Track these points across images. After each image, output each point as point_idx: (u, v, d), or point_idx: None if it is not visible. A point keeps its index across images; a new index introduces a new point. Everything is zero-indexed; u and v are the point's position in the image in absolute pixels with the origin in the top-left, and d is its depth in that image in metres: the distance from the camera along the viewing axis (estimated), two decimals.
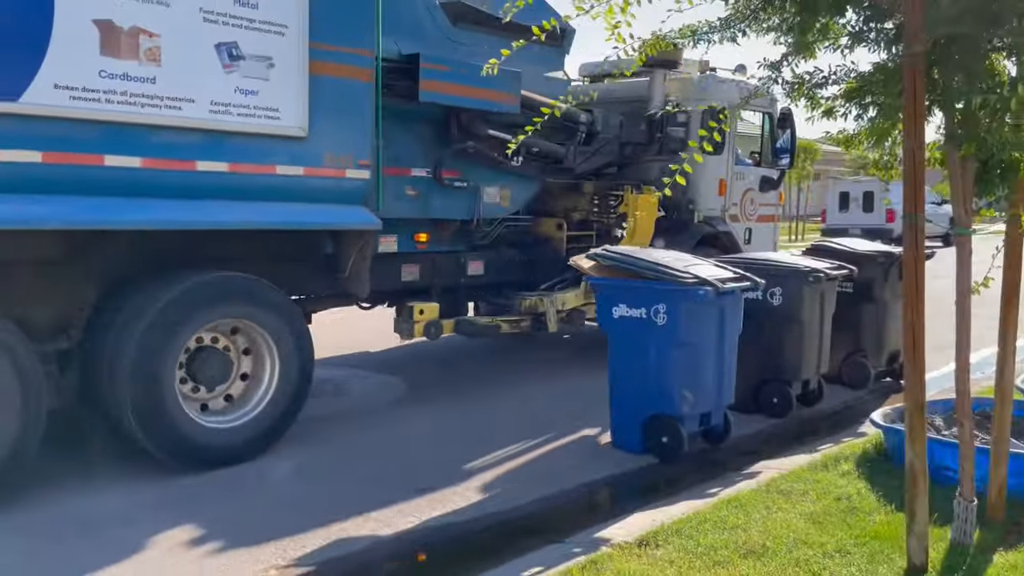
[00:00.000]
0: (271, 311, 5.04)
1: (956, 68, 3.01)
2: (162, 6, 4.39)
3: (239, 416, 4.97)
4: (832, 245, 7.39)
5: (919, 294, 3.14)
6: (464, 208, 6.75)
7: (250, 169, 4.85)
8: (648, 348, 5.07)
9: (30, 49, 4.00)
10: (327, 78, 5.07)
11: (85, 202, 4.26)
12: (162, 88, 4.42)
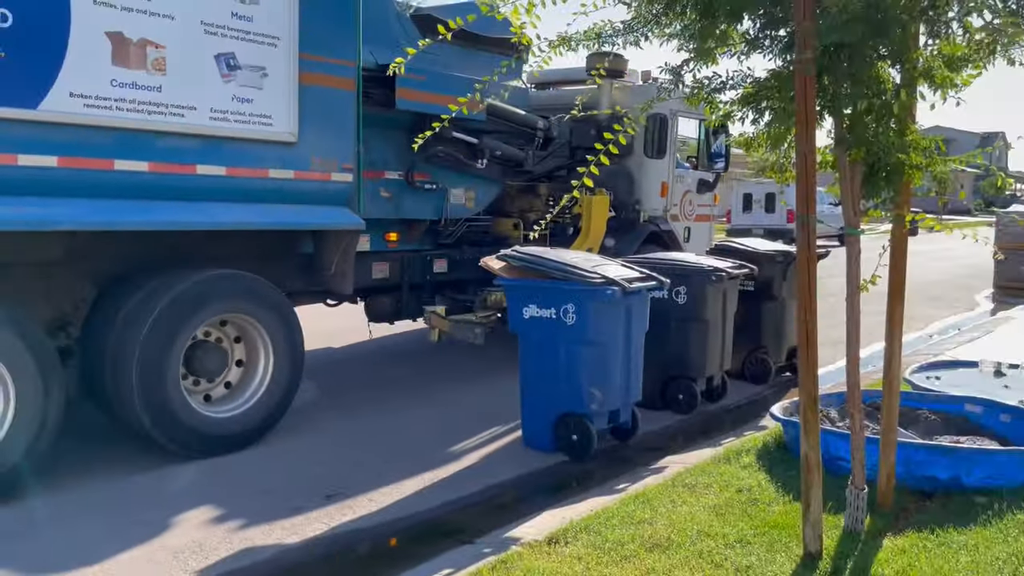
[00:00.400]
0: (268, 307, 5.37)
1: (844, 75, 3.14)
2: (168, 19, 4.68)
3: (237, 406, 5.26)
4: (734, 245, 7.63)
5: (812, 293, 3.26)
6: (433, 208, 7.17)
7: (246, 172, 5.14)
8: (558, 348, 5.12)
9: (49, 60, 4.27)
10: (315, 87, 5.41)
11: (96, 204, 4.51)
12: (167, 96, 4.71)
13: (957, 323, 11.04)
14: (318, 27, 5.36)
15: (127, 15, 4.50)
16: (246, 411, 5.28)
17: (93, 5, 4.38)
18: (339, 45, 5.57)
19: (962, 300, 13.39)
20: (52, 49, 4.26)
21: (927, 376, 6.13)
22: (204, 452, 4.98)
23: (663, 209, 9.13)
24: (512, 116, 7.63)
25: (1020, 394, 5.47)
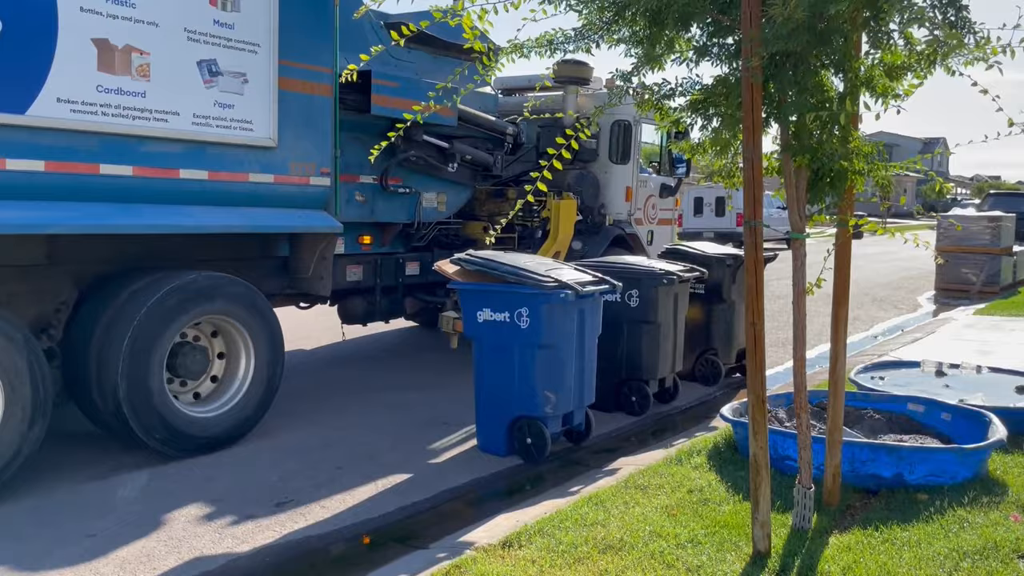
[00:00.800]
0: (250, 309, 5.46)
1: (790, 83, 3.21)
2: (152, 26, 4.76)
3: (219, 406, 5.37)
4: (685, 249, 7.73)
5: (759, 295, 3.33)
6: (405, 212, 7.29)
7: (227, 177, 5.24)
8: (512, 351, 5.14)
9: (37, 66, 4.33)
10: (293, 93, 5.55)
11: (83, 208, 4.57)
12: (151, 101, 4.80)
13: (900, 324, 11.33)
14: (297, 35, 5.50)
15: (112, 22, 4.59)
16: (228, 411, 5.38)
17: (80, 12, 4.44)
18: (317, 52, 5.69)
19: (905, 302, 13.74)
20: (40, 55, 4.33)
21: (871, 376, 6.28)
22: (188, 451, 5.07)
23: (628, 213, 9.42)
24: (483, 121, 7.84)
25: (960, 393, 5.64)
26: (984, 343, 8.78)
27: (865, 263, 18.58)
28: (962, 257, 14.50)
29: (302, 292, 6.37)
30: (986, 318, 10.99)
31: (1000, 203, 20.92)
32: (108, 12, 4.57)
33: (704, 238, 21.46)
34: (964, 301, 13.42)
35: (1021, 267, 15.81)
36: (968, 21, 2.76)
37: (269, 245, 6.00)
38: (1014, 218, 15.91)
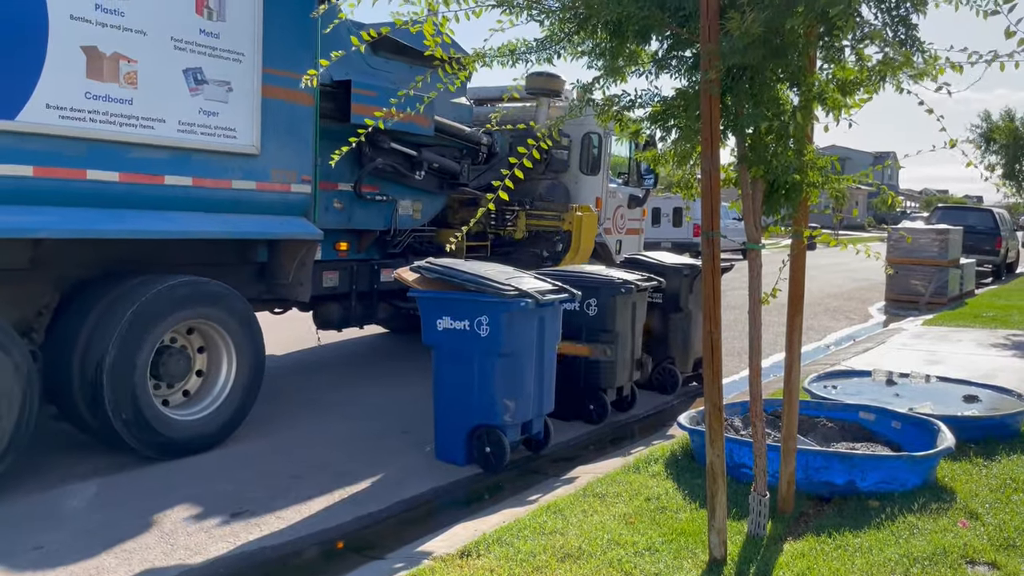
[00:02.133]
0: (232, 313, 5.52)
1: (746, 96, 3.27)
2: (139, 34, 4.83)
3: (201, 409, 5.41)
4: (643, 258, 7.80)
5: (716, 305, 3.37)
6: (382, 219, 7.37)
7: (210, 183, 5.31)
8: (471, 360, 5.12)
9: (28, 72, 4.37)
10: (276, 101, 5.64)
11: (69, 213, 4.62)
12: (138, 108, 4.86)
13: (852, 334, 11.56)
14: (280, 44, 5.61)
15: (101, 30, 4.65)
16: (210, 414, 5.42)
17: (70, 20, 4.50)
18: (300, 61, 5.69)
19: (857, 312, 14.02)
20: (30, 62, 4.38)
21: (824, 385, 6.40)
22: (169, 454, 5.12)
23: (598, 223, 9.54)
24: (457, 132, 7.93)
25: (910, 402, 5.77)
26: (933, 353, 9.01)
27: (818, 274, 18.93)
28: (911, 269, 14.86)
29: (281, 298, 6.43)
30: (934, 328, 11.27)
31: (947, 216, 21.48)
32: (97, 20, 4.62)
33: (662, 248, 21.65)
34: (913, 312, 13.75)
35: (968, 279, 16.25)
36: (917, 40, 2.84)
37: (249, 250, 6.04)
38: (961, 231, 16.36)
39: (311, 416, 6.33)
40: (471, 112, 8.60)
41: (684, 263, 7.62)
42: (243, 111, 5.41)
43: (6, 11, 4.27)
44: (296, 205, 5.91)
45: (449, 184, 8.06)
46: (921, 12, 2.82)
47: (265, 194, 5.65)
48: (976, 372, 7.47)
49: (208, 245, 5.60)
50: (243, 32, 5.36)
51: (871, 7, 2.91)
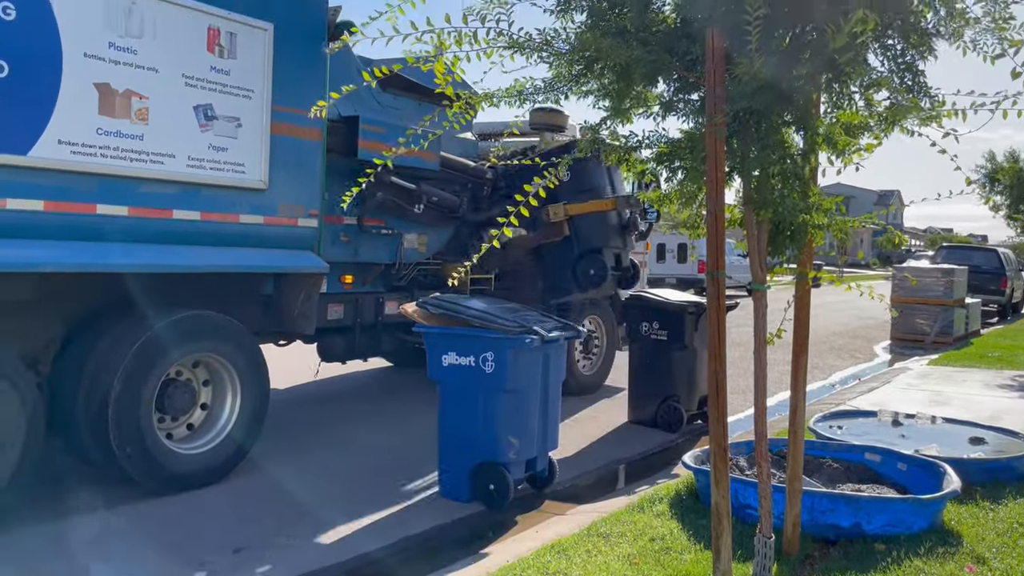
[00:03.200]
0: (238, 347, 5.55)
1: (753, 139, 3.30)
2: (151, 71, 4.91)
3: (205, 443, 5.41)
4: (649, 296, 7.81)
5: (721, 344, 3.37)
6: (387, 252, 7.41)
7: (218, 218, 5.36)
8: (476, 396, 5.12)
9: (41, 108, 4.44)
10: (284, 137, 5.70)
11: (79, 247, 4.66)
12: (148, 144, 4.92)
13: (858, 373, 11.52)
14: (290, 81, 5.67)
15: (114, 67, 4.73)
16: (214, 448, 5.43)
17: (83, 58, 4.59)
18: (308, 98, 5.75)
19: (862, 351, 13.99)
20: (44, 98, 4.45)
21: (830, 425, 6.37)
22: (175, 488, 5.12)
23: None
24: (462, 166, 7.98)
25: (916, 443, 5.73)
26: (938, 393, 8.96)
27: (823, 312, 18.92)
28: (916, 308, 14.84)
29: (286, 330, 6.44)
30: (940, 368, 11.23)
31: (953, 256, 21.50)
32: (111, 58, 4.70)
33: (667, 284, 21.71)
34: (919, 351, 13.71)
35: (973, 319, 16.21)
36: (924, 86, 2.87)
37: (255, 284, 6.08)
38: (966, 271, 16.36)
39: (314, 451, 6.31)
40: (476, 147, 8.69)
41: (689, 300, 7.63)
42: (252, 146, 5.48)
43: (22, 49, 4.34)
44: (303, 239, 5.95)
45: (449, 217, 8.08)
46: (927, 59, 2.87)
47: (272, 228, 5.70)
48: (982, 413, 7.43)
49: (215, 278, 5.63)
50: (253, 69, 5.45)
51: (878, 54, 2.96)
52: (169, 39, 4.97)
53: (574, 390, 8.51)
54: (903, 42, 2.84)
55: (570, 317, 8.01)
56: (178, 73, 5.04)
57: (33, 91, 4.41)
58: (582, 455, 6.55)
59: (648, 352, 7.53)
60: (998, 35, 2.55)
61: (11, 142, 4.31)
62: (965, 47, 2.69)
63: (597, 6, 3.39)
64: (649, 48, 3.18)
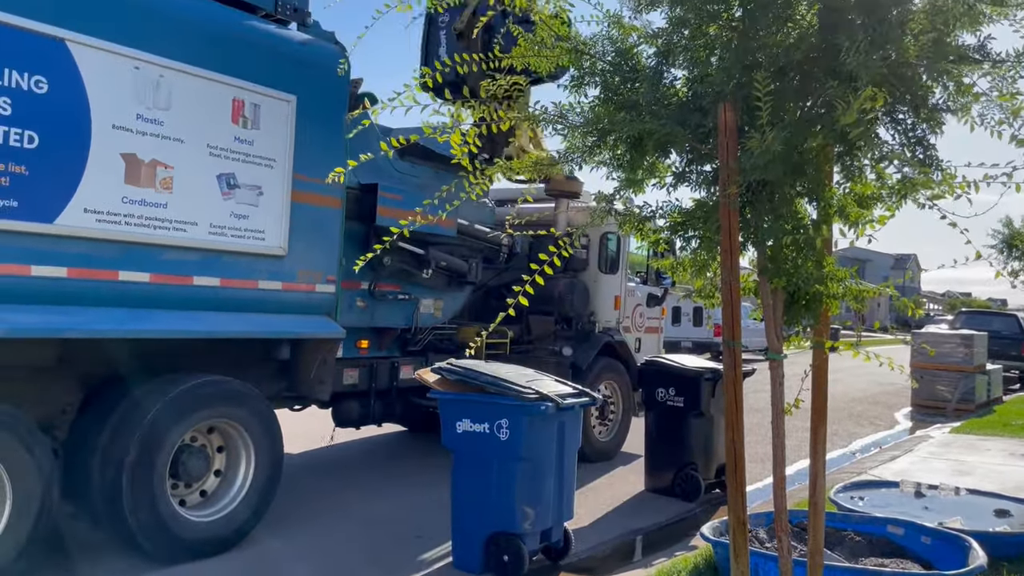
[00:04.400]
0: (253, 413, 5.55)
1: (766, 210, 3.33)
2: (177, 142, 5.02)
3: (217, 511, 5.38)
4: (665, 361, 7.77)
5: (739, 414, 3.35)
6: (404, 317, 7.42)
7: (238, 284, 5.44)
8: (491, 464, 5.08)
9: (69, 178, 4.54)
10: (305, 204, 5.79)
11: (100, 313, 4.71)
12: (172, 212, 5.01)
13: (878, 440, 11.33)
14: (311, 150, 5.78)
15: (141, 138, 4.85)
16: (226, 516, 5.39)
17: (112, 129, 4.71)
18: (329, 167, 5.87)
19: (883, 418, 13.78)
20: (72, 168, 4.56)
21: (851, 496, 6.25)
22: (187, 556, 5.08)
23: (616, 321, 9.69)
24: (480, 234, 8.05)
25: (939, 515, 5.61)
26: (961, 463, 8.79)
27: (842, 377, 18.70)
28: (936, 374, 14.66)
29: (301, 395, 6.43)
30: (962, 436, 11.03)
31: (972, 321, 21.31)
32: (138, 129, 4.83)
33: (682, 347, 21.59)
34: (940, 418, 13.49)
35: (995, 386, 15.98)
36: (936, 159, 2.90)
37: (272, 349, 6.07)
38: (986, 336, 16.19)
39: (326, 518, 6.25)
40: (493, 213, 8.78)
41: (705, 367, 7.58)
42: (272, 214, 5.57)
43: (53, 121, 4.47)
44: (320, 304, 6.00)
45: (459, 282, 8.07)
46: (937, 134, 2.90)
47: (291, 294, 5.75)
48: (1006, 484, 7.27)
49: (232, 343, 5.65)
50: (276, 139, 5.56)
51: (888, 128, 3.00)
52: (195, 110, 5.11)
53: (590, 456, 8.42)
54: (913, 116, 2.88)
55: (585, 381, 7.98)
56: (203, 143, 5.16)
57: (62, 161, 4.51)
58: (598, 525, 6.45)
59: (664, 419, 7.46)
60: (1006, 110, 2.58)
61: (39, 210, 4.40)
62: (972, 122, 2.73)
63: (610, 81, 3.48)
64: (661, 121, 3.24)
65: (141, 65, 4.82)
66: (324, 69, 5.86)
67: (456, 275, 7.91)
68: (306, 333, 5.98)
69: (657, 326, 10.72)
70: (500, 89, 3.71)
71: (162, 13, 5.00)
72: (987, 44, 2.88)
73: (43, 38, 4.41)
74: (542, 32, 3.55)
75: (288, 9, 5.85)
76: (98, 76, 4.63)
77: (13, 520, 4.33)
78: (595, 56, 3.63)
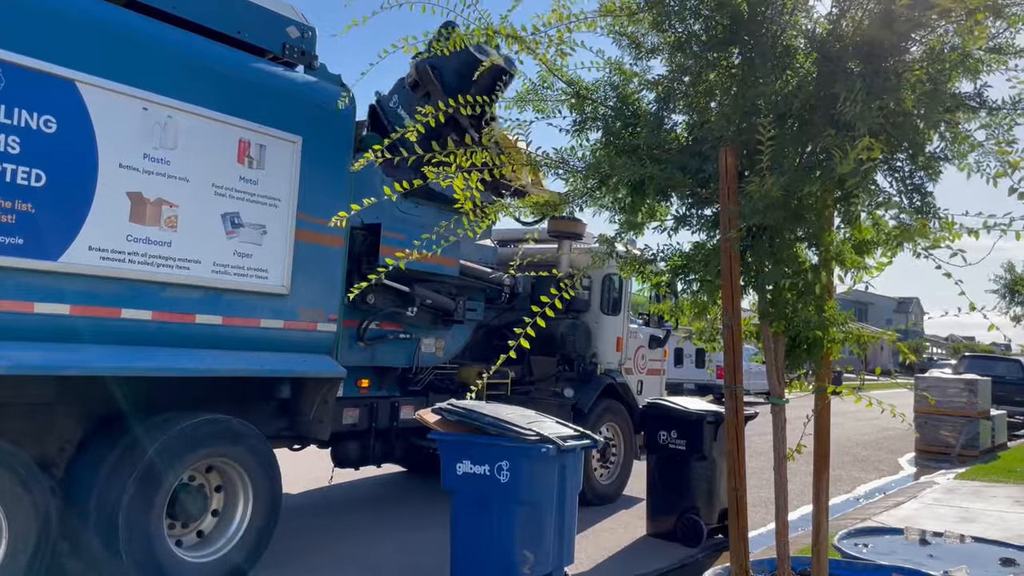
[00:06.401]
0: (252, 453, 5.50)
1: (766, 254, 3.35)
2: (183, 181, 5.06)
3: (215, 551, 5.32)
4: (667, 404, 7.72)
5: (741, 459, 3.33)
6: (405, 357, 7.34)
7: (240, 322, 5.43)
8: (491, 506, 5.03)
9: (75, 216, 4.57)
10: (307, 244, 5.81)
11: (100, 350, 4.69)
12: (176, 251, 5.04)
13: (882, 487, 11.20)
14: (315, 190, 5.82)
15: (148, 177, 4.89)
16: (223, 556, 5.32)
17: (118, 168, 4.75)
18: (332, 208, 5.89)
19: (886, 463, 13.65)
20: (78, 207, 4.58)
21: (855, 543, 6.15)
22: None
23: (618, 363, 9.65)
24: (482, 274, 8.03)
25: (945, 564, 5.52)
26: (966, 510, 8.69)
27: (845, 421, 18.58)
28: (941, 419, 14.56)
29: (301, 435, 6.39)
30: (967, 483, 10.91)
31: (975, 366, 21.19)
32: (144, 168, 4.87)
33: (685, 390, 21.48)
34: (945, 463, 13.36)
35: (1000, 431, 15.84)
36: (932, 206, 2.93)
37: (271, 387, 6.04)
38: (990, 381, 16.09)
39: (324, 560, 6.17)
40: (495, 253, 8.80)
41: (708, 410, 7.53)
42: (276, 253, 5.60)
43: (60, 160, 4.52)
44: (321, 343, 5.99)
45: (443, 321, 7.84)
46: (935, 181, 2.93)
47: (292, 332, 5.75)
48: (1011, 532, 7.18)
49: (233, 381, 5.63)
50: (280, 179, 5.61)
51: (886, 176, 3.03)
52: (201, 150, 5.16)
53: (591, 500, 8.34)
54: (911, 164, 2.91)
55: (587, 423, 7.93)
56: (208, 183, 5.21)
57: (68, 200, 4.55)
58: (599, 570, 6.36)
59: (666, 462, 7.39)
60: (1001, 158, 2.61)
61: (43, 248, 4.43)
62: (969, 169, 2.75)
63: (611, 126, 3.53)
64: (662, 167, 3.28)
65: (149, 106, 4.90)
66: (330, 111, 5.95)
67: (442, 312, 7.77)
68: (307, 372, 5.95)
69: (659, 368, 10.69)
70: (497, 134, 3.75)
71: (171, 55, 5.08)
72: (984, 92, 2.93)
73: (53, 78, 4.48)
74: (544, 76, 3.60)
75: (295, 52, 5.95)
76: (106, 116, 4.69)
77: (8, 560, 4.30)
78: (597, 101, 3.68)
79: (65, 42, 4.56)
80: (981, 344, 76.39)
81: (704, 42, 3.24)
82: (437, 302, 7.78)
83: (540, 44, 3.51)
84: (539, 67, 3.65)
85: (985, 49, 2.69)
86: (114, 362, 4.75)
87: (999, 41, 2.73)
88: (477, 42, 3.45)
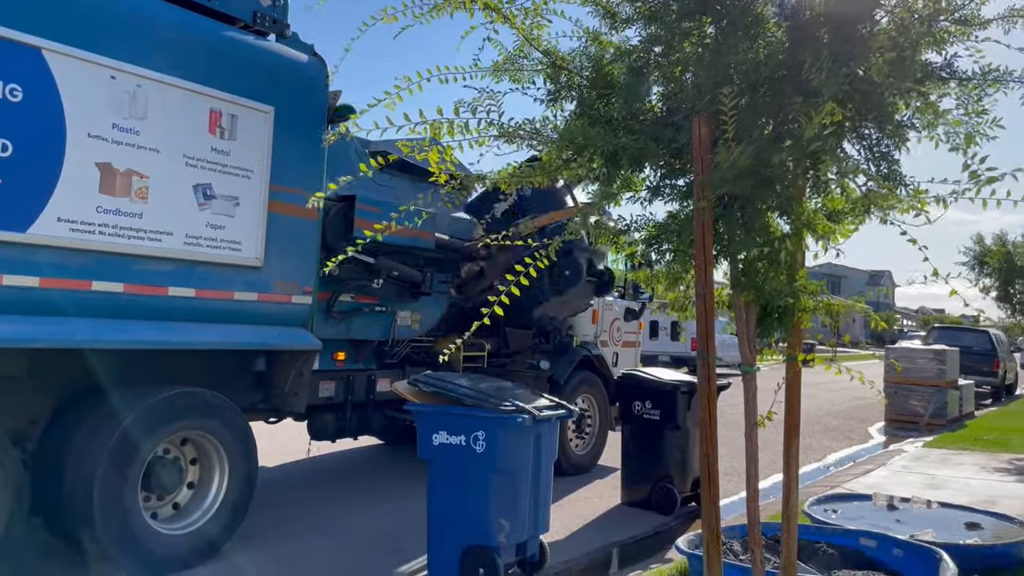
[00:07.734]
0: (228, 425, 5.47)
1: (737, 223, 3.37)
2: (153, 152, 4.99)
3: (191, 523, 5.32)
4: (641, 375, 7.81)
5: (712, 427, 3.38)
6: (381, 330, 7.35)
7: (213, 295, 5.39)
8: (467, 476, 5.06)
9: (43, 187, 4.50)
10: (281, 215, 5.76)
11: (71, 323, 4.65)
12: (147, 222, 4.98)
13: (852, 455, 11.42)
14: (288, 162, 5.76)
15: (117, 147, 4.82)
16: (198, 529, 5.32)
17: (87, 138, 4.68)
18: (307, 178, 5.86)
19: (856, 432, 13.90)
20: (46, 177, 4.52)
21: (825, 509, 6.30)
22: (158, 570, 4.99)
23: (594, 335, 9.78)
24: (457, 247, 7.97)
25: (911, 528, 5.66)
26: (933, 477, 8.89)
27: (817, 391, 18.85)
28: (910, 389, 14.83)
29: (277, 408, 6.37)
30: (935, 451, 11.15)
31: (944, 336, 21.58)
32: (113, 138, 4.80)
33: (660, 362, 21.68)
34: (913, 432, 13.64)
35: (967, 400, 16.17)
36: (899, 174, 2.96)
37: (247, 360, 6.02)
38: (958, 352, 16.39)
39: (301, 532, 6.20)
40: (472, 226, 8.78)
41: (681, 380, 7.62)
42: (249, 225, 5.55)
43: (27, 130, 4.44)
44: (296, 316, 5.97)
45: (411, 292, 7.80)
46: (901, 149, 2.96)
47: (266, 305, 5.71)
48: (977, 497, 7.37)
49: (207, 355, 5.60)
50: (253, 150, 5.55)
51: (854, 144, 3.05)
52: (172, 121, 5.09)
53: (567, 470, 8.43)
54: (879, 132, 2.94)
55: (562, 394, 7.99)
56: (179, 153, 5.14)
57: (36, 170, 4.48)
58: (574, 538, 6.45)
59: (641, 432, 7.49)
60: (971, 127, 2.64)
61: (11, 220, 4.37)
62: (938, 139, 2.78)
63: (587, 96, 3.52)
64: (636, 137, 3.28)
65: (117, 75, 4.82)
66: (302, 80, 5.88)
67: (409, 284, 7.68)
68: (282, 344, 5.94)
69: (634, 340, 10.78)
70: None
71: (139, 23, 4.98)
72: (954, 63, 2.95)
73: (18, 46, 4.39)
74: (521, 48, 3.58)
75: (267, 21, 5.86)
76: (74, 85, 4.61)
77: None
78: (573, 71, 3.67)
79: (30, 9, 4.46)
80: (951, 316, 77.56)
81: (676, 11, 3.23)
82: (404, 274, 7.66)
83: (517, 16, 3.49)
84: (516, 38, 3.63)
85: (951, 20, 2.71)
86: (86, 335, 4.71)
87: (964, 13, 2.74)
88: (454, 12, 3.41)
